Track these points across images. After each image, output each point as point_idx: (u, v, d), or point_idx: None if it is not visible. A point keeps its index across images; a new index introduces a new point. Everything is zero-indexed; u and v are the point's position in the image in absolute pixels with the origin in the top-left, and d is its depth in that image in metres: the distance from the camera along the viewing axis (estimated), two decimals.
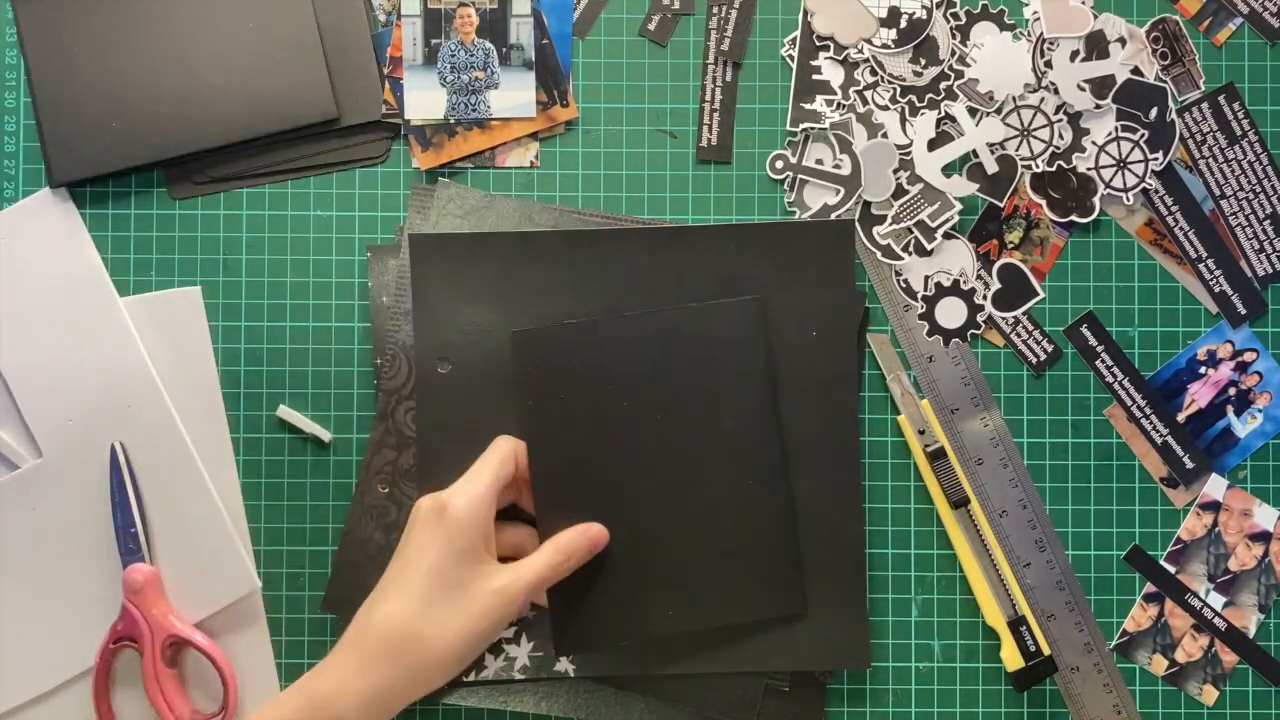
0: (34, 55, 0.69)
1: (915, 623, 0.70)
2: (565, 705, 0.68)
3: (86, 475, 0.68)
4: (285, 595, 0.70)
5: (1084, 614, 0.70)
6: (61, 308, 0.69)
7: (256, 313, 0.70)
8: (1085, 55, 0.71)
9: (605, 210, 0.71)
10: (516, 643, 0.68)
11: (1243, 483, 0.71)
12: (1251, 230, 0.71)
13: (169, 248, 0.71)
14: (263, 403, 0.70)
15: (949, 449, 0.69)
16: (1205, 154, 0.71)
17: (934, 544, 0.70)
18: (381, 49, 0.71)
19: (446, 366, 0.68)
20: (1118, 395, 0.71)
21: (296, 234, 0.71)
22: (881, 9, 0.71)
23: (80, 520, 0.68)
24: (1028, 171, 0.70)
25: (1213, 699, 0.70)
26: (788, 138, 0.71)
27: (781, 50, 0.71)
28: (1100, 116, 0.71)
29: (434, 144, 0.70)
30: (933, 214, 0.70)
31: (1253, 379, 0.71)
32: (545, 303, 0.68)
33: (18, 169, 0.70)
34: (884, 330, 0.71)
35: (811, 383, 0.68)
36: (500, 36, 0.70)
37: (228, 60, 0.69)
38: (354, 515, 0.69)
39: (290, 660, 0.70)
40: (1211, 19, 0.72)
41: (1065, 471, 0.71)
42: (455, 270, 0.68)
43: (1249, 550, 0.71)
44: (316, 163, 0.71)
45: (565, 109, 0.71)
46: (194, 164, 0.70)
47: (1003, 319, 0.71)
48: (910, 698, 0.70)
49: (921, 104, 0.70)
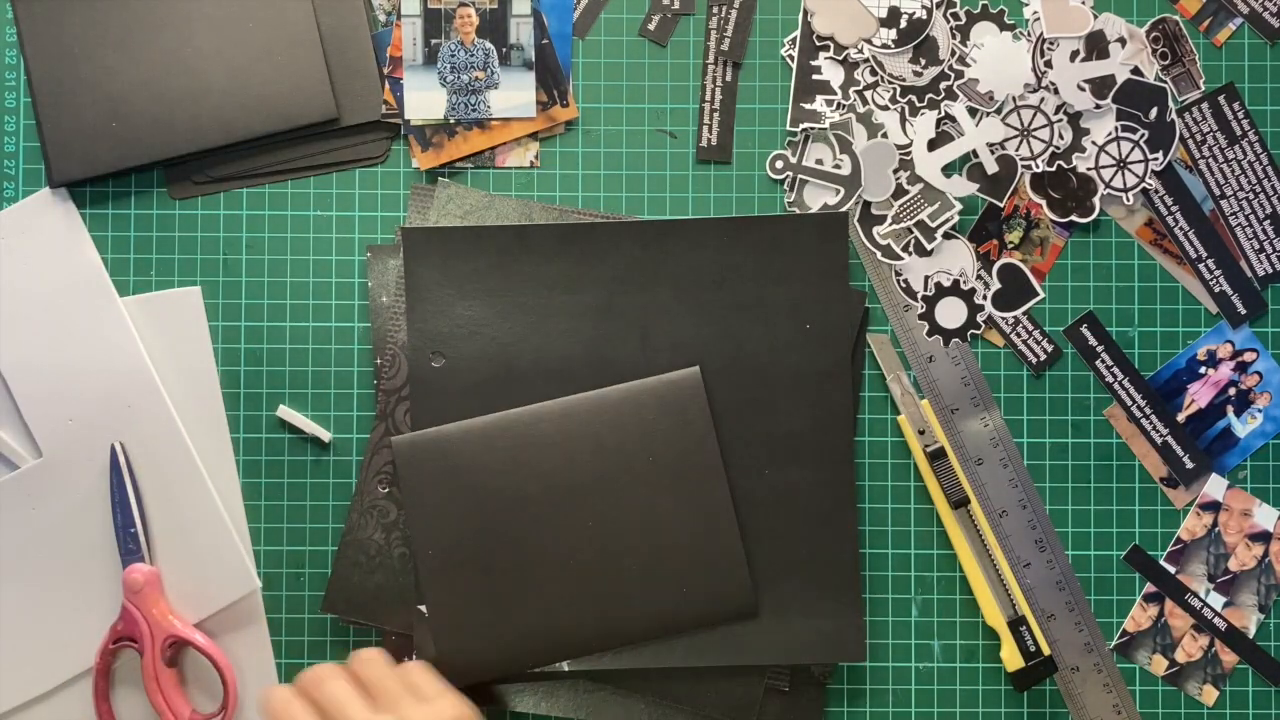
0: (34, 55, 0.69)
1: (915, 623, 0.70)
2: (565, 705, 0.68)
3: (86, 475, 0.68)
4: (285, 595, 0.70)
5: (1084, 614, 0.70)
6: (62, 308, 0.69)
7: (256, 313, 0.70)
8: (1085, 55, 0.71)
9: (605, 210, 0.71)
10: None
11: (1243, 483, 0.71)
12: (1251, 230, 0.71)
13: (169, 248, 0.71)
14: (263, 403, 0.70)
15: (949, 449, 0.69)
16: (1205, 154, 0.71)
17: (934, 544, 0.70)
18: (381, 49, 0.71)
19: (440, 360, 0.68)
20: (1118, 395, 0.71)
21: (296, 234, 0.71)
22: (881, 9, 0.71)
23: (80, 520, 0.68)
24: (1028, 171, 0.70)
25: (1213, 699, 0.70)
26: (788, 138, 0.71)
27: (781, 50, 0.71)
28: (1100, 116, 0.71)
29: (434, 144, 0.70)
30: (933, 214, 0.70)
31: (1253, 379, 0.71)
32: (538, 296, 0.68)
33: (18, 169, 0.70)
34: (884, 330, 0.71)
35: (805, 376, 0.68)
36: (500, 36, 0.70)
37: (228, 60, 0.69)
38: (354, 516, 0.69)
39: (290, 660, 0.70)
40: (1211, 19, 0.72)
41: (1065, 471, 0.71)
42: (448, 264, 0.68)
43: (1249, 550, 0.70)
44: (316, 163, 0.71)
45: (565, 109, 0.71)
46: (194, 164, 0.70)
47: (1003, 319, 0.71)
48: (910, 698, 0.70)
49: (921, 104, 0.70)
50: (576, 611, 0.66)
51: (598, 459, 0.67)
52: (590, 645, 0.67)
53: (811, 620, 0.67)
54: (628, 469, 0.67)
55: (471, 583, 0.66)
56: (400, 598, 0.68)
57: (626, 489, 0.67)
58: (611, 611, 0.66)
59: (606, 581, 0.66)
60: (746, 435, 0.68)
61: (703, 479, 0.67)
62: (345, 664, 0.63)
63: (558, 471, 0.67)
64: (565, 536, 0.67)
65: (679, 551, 0.67)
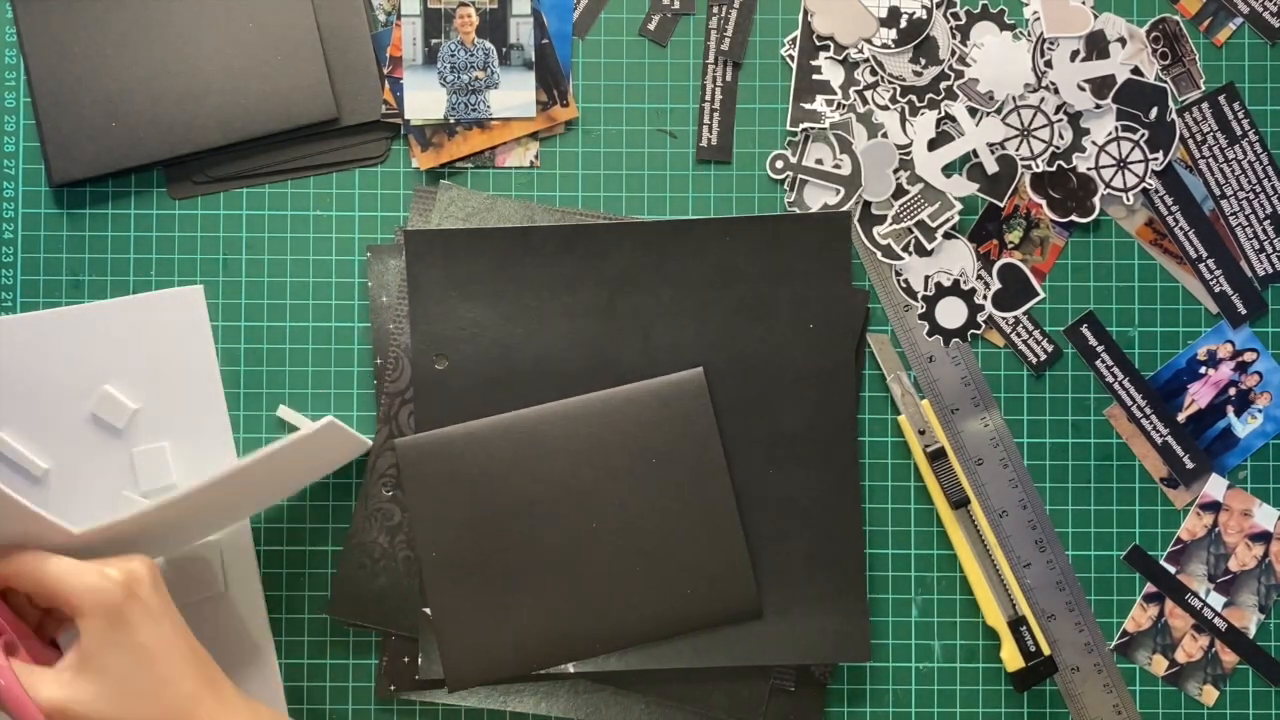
0: (34, 55, 0.69)
1: (915, 623, 0.70)
2: (565, 705, 0.69)
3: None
4: (285, 595, 0.70)
5: (1084, 614, 0.70)
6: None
7: (256, 313, 0.70)
8: (1085, 55, 0.71)
9: (605, 210, 0.71)
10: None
11: (1243, 483, 0.71)
12: (1251, 230, 0.71)
13: (169, 248, 0.70)
14: (263, 403, 0.70)
15: (949, 449, 0.69)
16: (1205, 154, 0.71)
17: (934, 544, 0.70)
18: (381, 49, 0.70)
19: (443, 363, 0.68)
20: (1118, 395, 0.71)
21: (296, 234, 0.71)
22: (881, 9, 0.71)
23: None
24: (1028, 171, 0.70)
25: (1213, 699, 0.70)
26: (788, 138, 0.71)
27: (781, 50, 0.71)
28: (1100, 116, 0.71)
29: (434, 144, 0.70)
30: (933, 214, 0.70)
31: (1253, 379, 0.71)
32: (541, 298, 0.68)
33: (18, 169, 0.70)
34: (884, 330, 0.71)
35: (809, 376, 0.68)
36: (500, 36, 0.70)
37: (228, 60, 0.69)
38: (358, 519, 0.69)
39: (290, 660, 0.70)
40: (1211, 19, 0.72)
41: (1065, 471, 0.71)
42: (450, 266, 0.68)
43: (1249, 550, 0.71)
44: (316, 163, 0.71)
45: (565, 109, 0.71)
46: (194, 164, 0.70)
47: (1003, 319, 0.71)
48: (910, 698, 0.70)
49: (921, 104, 0.70)
50: (580, 613, 0.66)
51: (601, 460, 0.67)
52: (595, 647, 0.67)
53: (816, 620, 0.67)
54: (631, 470, 0.67)
55: (476, 585, 0.66)
56: (405, 600, 0.68)
57: (630, 490, 0.67)
58: (616, 613, 0.66)
59: (610, 583, 0.66)
60: (750, 436, 0.68)
61: (706, 480, 0.67)
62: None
63: (561, 473, 0.67)
64: (569, 538, 0.67)
65: (683, 552, 0.67)
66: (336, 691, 0.70)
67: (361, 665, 0.70)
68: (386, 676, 0.68)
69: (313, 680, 0.70)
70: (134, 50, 0.69)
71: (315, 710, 0.70)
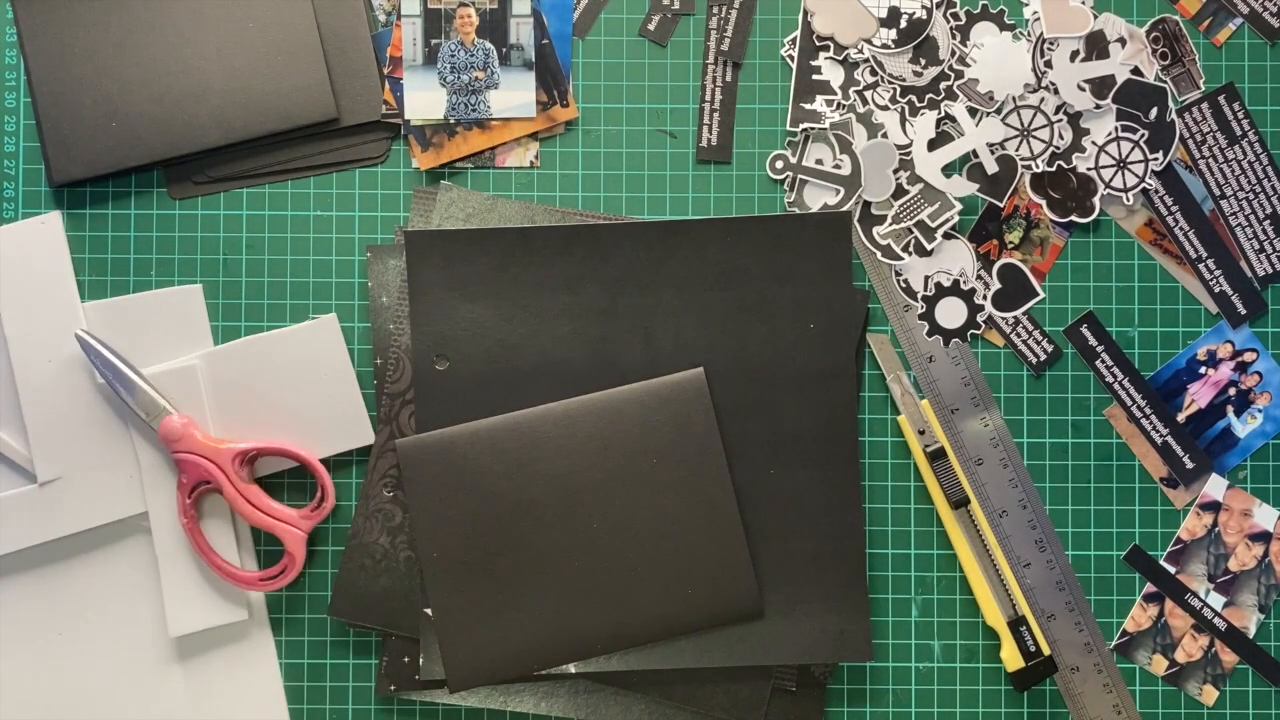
0: (34, 55, 0.69)
1: (915, 623, 0.70)
2: (565, 705, 0.69)
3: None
4: (285, 595, 0.70)
5: (1084, 614, 0.70)
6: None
7: (256, 313, 0.70)
8: (1085, 55, 0.71)
9: (605, 210, 0.71)
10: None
11: (1243, 483, 0.71)
12: (1251, 230, 0.71)
13: (169, 248, 0.70)
14: None
15: (949, 449, 0.69)
16: (1205, 154, 0.71)
17: (934, 544, 0.70)
18: (381, 49, 0.70)
19: (444, 363, 0.68)
20: (1118, 395, 0.71)
21: (296, 234, 0.71)
22: (881, 9, 0.71)
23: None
24: (1028, 171, 0.70)
25: (1213, 699, 0.70)
26: (788, 138, 0.71)
27: (781, 50, 0.71)
28: (1100, 116, 0.71)
29: (434, 144, 0.70)
30: (933, 214, 0.70)
31: (1253, 379, 0.71)
32: (541, 298, 0.68)
33: (18, 169, 0.70)
34: (884, 330, 0.71)
35: (809, 375, 0.68)
36: (500, 36, 0.70)
37: (228, 60, 0.69)
38: (359, 520, 0.69)
39: (290, 660, 0.70)
40: (1211, 19, 0.72)
41: (1065, 471, 0.71)
42: (451, 267, 0.68)
43: (1249, 550, 0.71)
44: (316, 163, 0.71)
45: (565, 109, 0.71)
46: (194, 164, 0.70)
47: (1003, 319, 0.71)
48: (910, 698, 0.70)
49: (921, 104, 0.70)
50: (582, 613, 0.66)
51: (602, 460, 0.67)
52: (596, 647, 0.67)
53: (818, 620, 0.67)
54: (632, 470, 0.67)
55: (477, 585, 0.66)
56: (406, 601, 0.68)
57: (631, 490, 0.67)
58: (617, 613, 0.66)
59: (612, 583, 0.66)
60: (751, 435, 0.68)
61: (707, 480, 0.67)
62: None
63: (562, 473, 0.67)
64: (570, 538, 0.67)
65: (684, 552, 0.67)
66: (336, 691, 0.70)
67: (361, 665, 0.70)
68: (387, 676, 0.68)
69: (313, 680, 0.70)
70: (134, 50, 0.69)
71: (315, 710, 0.70)
